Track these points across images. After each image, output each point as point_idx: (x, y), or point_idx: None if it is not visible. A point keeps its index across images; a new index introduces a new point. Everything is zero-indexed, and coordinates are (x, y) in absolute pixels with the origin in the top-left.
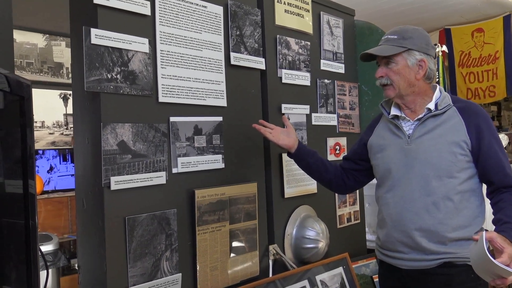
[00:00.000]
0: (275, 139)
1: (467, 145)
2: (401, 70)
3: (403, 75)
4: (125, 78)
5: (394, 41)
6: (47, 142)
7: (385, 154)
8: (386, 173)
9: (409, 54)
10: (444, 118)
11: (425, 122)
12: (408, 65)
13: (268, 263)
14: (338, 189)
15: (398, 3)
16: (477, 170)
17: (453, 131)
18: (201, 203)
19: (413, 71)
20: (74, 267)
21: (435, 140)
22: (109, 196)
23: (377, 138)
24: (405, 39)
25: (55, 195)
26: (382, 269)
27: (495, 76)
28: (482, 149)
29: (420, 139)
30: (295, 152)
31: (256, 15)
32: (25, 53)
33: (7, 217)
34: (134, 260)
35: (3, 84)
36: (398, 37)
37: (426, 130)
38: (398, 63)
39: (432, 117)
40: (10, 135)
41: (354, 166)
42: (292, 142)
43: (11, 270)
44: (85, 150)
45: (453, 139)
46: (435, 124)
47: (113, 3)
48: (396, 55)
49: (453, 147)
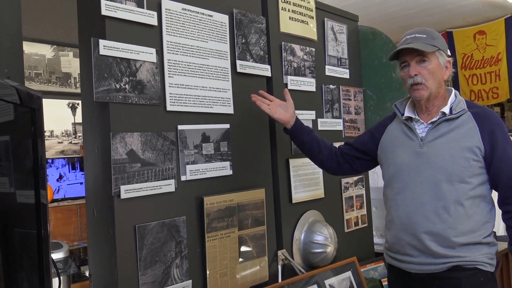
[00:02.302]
0: (271, 112)
1: (480, 151)
2: (435, 69)
3: (436, 75)
4: (133, 87)
5: (426, 40)
6: (56, 151)
7: (396, 156)
8: (397, 175)
9: (440, 54)
10: (458, 123)
11: (438, 126)
12: (440, 64)
13: (277, 268)
14: (329, 170)
15: (400, 8)
16: (489, 176)
17: (467, 136)
18: (210, 210)
19: (442, 71)
20: (84, 274)
21: (448, 145)
22: (119, 204)
23: (390, 138)
24: (434, 38)
25: (65, 203)
26: (391, 273)
27: (498, 78)
28: (495, 155)
29: (433, 142)
30: (290, 128)
31: (261, 23)
32: (34, 64)
33: (19, 227)
34: (144, 267)
35: (14, 96)
36: (427, 36)
37: (439, 134)
38: (431, 61)
39: (446, 121)
40: (21, 146)
41: (356, 154)
42: (289, 117)
43: (24, 279)
44: (95, 159)
45: (466, 145)
46: (448, 129)
47: (121, 14)
48: (431, 54)
49: (466, 152)
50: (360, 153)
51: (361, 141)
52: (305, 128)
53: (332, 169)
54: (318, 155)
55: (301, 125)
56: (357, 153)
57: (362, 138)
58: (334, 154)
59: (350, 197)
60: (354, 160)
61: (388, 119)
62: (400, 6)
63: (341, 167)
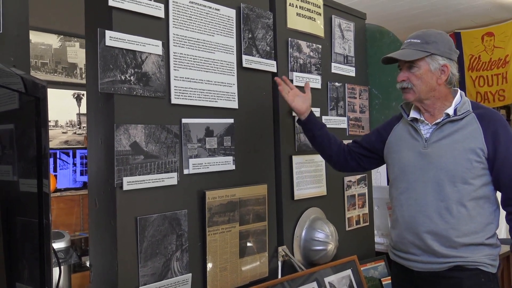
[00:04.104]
0: (290, 100)
1: (483, 153)
2: (423, 75)
3: (425, 80)
4: (138, 79)
5: (417, 46)
6: (60, 141)
7: (401, 156)
8: (401, 175)
9: (432, 59)
10: (462, 124)
11: (442, 127)
12: (430, 69)
13: (277, 265)
14: (337, 166)
15: (409, 7)
16: (492, 177)
17: (470, 137)
18: (212, 204)
19: (435, 76)
20: (85, 264)
21: (451, 146)
22: (121, 196)
23: (396, 138)
24: (428, 43)
25: (68, 193)
26: (395, 269)
27: (505, 80)
28: (498, 156)
29: (437, 143)
30: (304, 120)
31: (268, 18)
32: (40, 53)
33: (21, 216)
34: (145, 259)
35: (19, 85)
36: (421, 41)
37: (443, 135)
38: (420, 67)
39: (450, 122)
40: (25, 135)
41: (363, 152)
42: (305, 109)
43: (25, 267)
44: (98, 150)
45: (469, 146)
46: (452, 130)
47: (128, 5)
48: (419, 60)
49: (469, 154)
50: (367, 151)
51: (368, 140)
52: (318, 122)
53: (339, 164)
54: (328, 150)
55: (315, 119)
56: (364, 151)
57: (370, 137)
58: (343, 151)
59: (352, 196)
60: (361, 157)
61: (396, 119)
62: (408, 6)
63: (349, 163)
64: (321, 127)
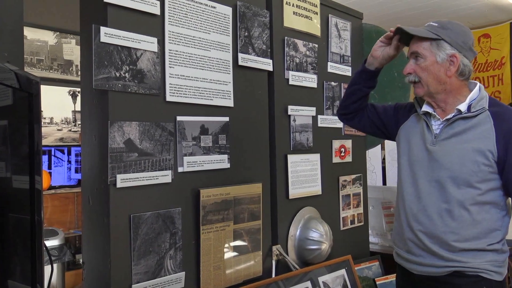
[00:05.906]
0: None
1: (492, 155)
2: (429, 66)
3: (432, 72)
4: (133, 76)
5: (432, 28)
6: (55, 138)
7: (409, 149)
8: (407, 170)
9: (439, 48)
10: (474, 122)
11: (453, 124)
12: (437, 61)
13: (271, 264)
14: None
15: (406, 8)
16: (502, 181)
17: (481, 138)
18: (206, 203)
19: (443, 67)
20: (79, 262)
21: (460, 145)
22: (114, 193)
23: (409, 128)
24: (444, 29)
25: (62, 191)
26: (399, 272)
27: (501, 82)
28: (509, 158)
29: (445, 141)
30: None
31: (265, 16)
32: (36, 50)
33: (13, 212)
34: (138, 257)
35: (12, 81)
36: (438, 25)
37: (453, 133)
38: (426, 58)
39: (462, 119)
40: (18, 131)
41: (376, 121)
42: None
43: (16, 265)
44: (92, 147)
45: (479, 147)
46: (463, 128)
47: (123, 2)
48: (426, 50)
49: (477, 156)
50: (380, 121)
51: (386, 113)
52: (375, 82)
53: (346, 114)
54: (354, 104)
55: (375, 80)
56: (378, 121)
57: (388, 111)
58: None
59: (347, 195)
60: (370, 122)
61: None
62: (406, 7)
63: (354, 119)
64: (372, 86)
